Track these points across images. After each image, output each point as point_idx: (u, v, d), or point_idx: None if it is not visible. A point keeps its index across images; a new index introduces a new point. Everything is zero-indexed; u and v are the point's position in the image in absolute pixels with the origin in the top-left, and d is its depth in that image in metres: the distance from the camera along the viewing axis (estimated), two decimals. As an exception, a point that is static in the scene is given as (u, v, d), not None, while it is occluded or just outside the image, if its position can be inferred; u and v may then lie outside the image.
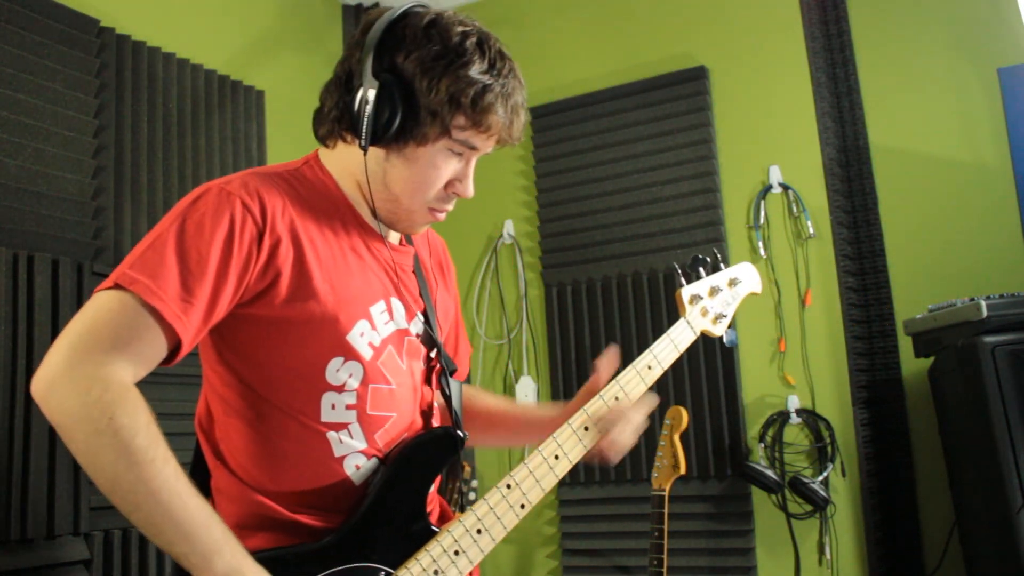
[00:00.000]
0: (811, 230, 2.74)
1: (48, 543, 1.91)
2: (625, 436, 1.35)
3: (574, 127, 3.11)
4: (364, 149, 1.20)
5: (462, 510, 1.33)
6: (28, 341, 1.92)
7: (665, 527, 2.36)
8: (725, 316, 1.54)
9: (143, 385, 1.05)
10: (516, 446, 1.48)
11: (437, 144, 1.20)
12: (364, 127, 1.18)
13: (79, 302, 2.03)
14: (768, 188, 2.82)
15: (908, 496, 2.58)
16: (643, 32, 3.10)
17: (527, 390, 3.09)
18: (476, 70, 1.18)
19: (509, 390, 3.12)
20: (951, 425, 2.31)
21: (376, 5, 3.29)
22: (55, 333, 1.97)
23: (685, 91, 2.95)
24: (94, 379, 1.00)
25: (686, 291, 1.49)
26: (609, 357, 1.40)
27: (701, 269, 1.52)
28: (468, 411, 1.49)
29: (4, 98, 1.96)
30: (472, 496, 2.81)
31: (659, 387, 2.93)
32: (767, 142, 2.86)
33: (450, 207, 1.29)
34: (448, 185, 1.25)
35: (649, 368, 1.42)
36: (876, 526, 2.57)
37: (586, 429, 1.34)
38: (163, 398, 2.20)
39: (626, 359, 3.17)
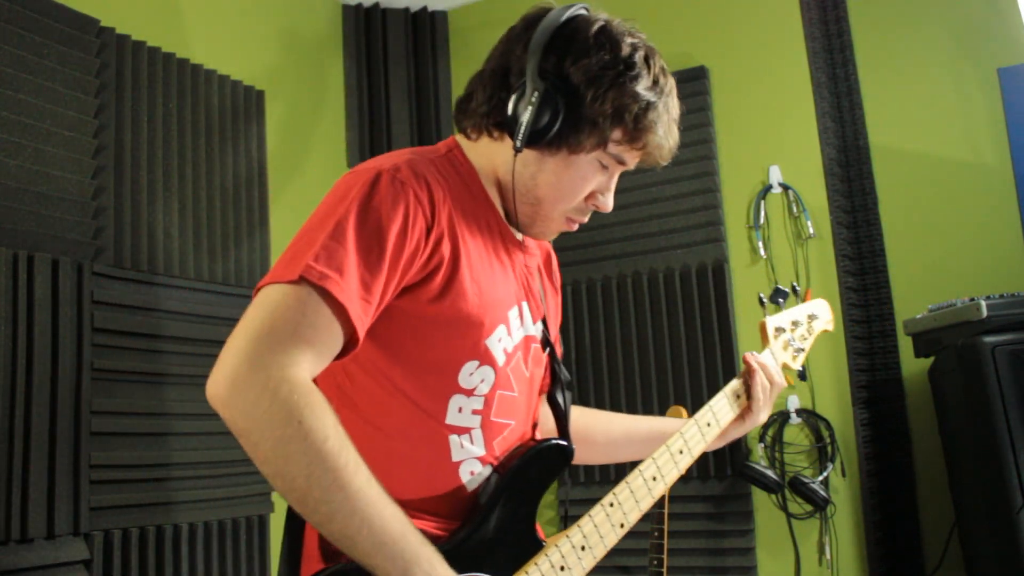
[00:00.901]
0: (811, 230, 2.74)
1: (48, 543, 1.90)
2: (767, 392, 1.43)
3: (574, 127, 3.10)
4: (518, 150, 1.17)
5: None
6: (28, 341, 1.92)
7: (665, 527, 2.36)
8: (803, 351, 1.54)
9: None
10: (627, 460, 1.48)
11: (591, 155, 1.19)
12: (523, 128, 1.15)
13: (79, 302, 2.03)
14: (768, 188, 2.82)
15: (908, 496, 2.58)
16: (643, 32, 3.10)
17: (527, 390, 3.08)
18: (643, 86, 1.17)
19: (509, 390, 3.12)
20: (951, 425, 2.31)
21: (376, 6, 3.29)
22: (55, 333, 1.97)
23: (685, 91, 2.95)
24: (280, 381, 0.95)
25: (771, 322, 1.50)
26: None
27: (782, 300, 1.53)
28: (592, 431, 1.50)
29: (4, 98, 1.96)
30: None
31: (659, 387, 2.93)
32: (767, 142, 2.86)
33: (585, 219, 1.27)
34: (589, 196, 1.23)
35: (737, 396, 1.44)
36: (876, 526, 2.57)
37: (681, 453, 1.34)
38: (165, 398, 2.21)
39: (627, 359, 3.16)
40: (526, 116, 1.14)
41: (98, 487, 2.02)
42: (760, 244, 2.81)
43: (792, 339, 1.52)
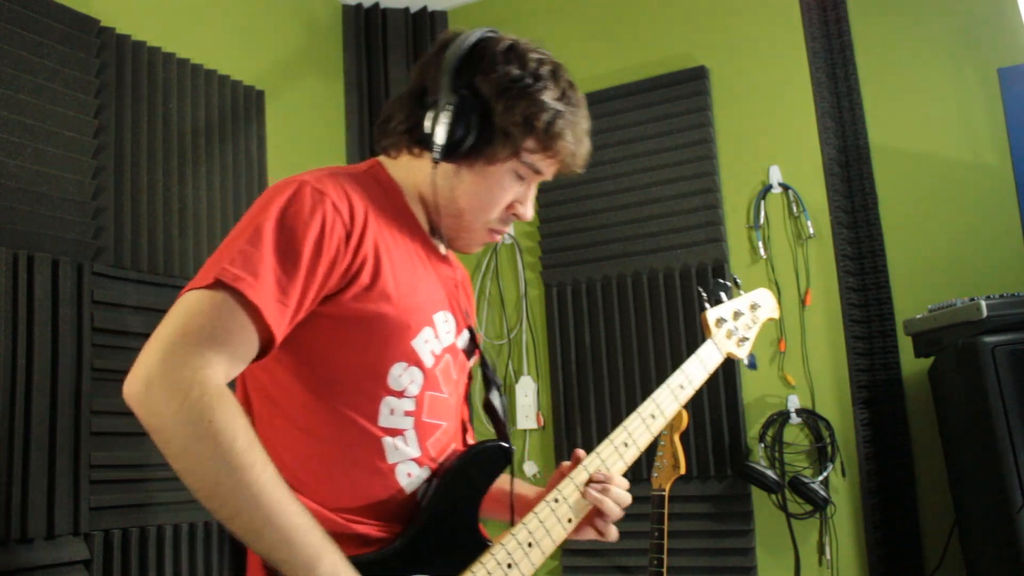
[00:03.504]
0: (811, 230, 2.74)
1: (48, 543, 1.90)
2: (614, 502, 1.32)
3: (574, 127, 3.10)
4: (436, 162, 1.23)
5: None
6: (28, 341, 1.92)
7: (665, 527, 2.36)
8: (748, 339, 1.58)
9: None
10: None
11: (506, 164, 1.25)
12: (439, 141, 1.21)
13: (79, 302, 2.03)
14: (768, 188, 2.82)
15: (908, 496, 2.58)
16: (643, 32, 3.10)
17: (527, 390, 3.09)
18: (550, 96, 1.23)
19: (509, 390, 3.12)
20: (951, 425, 2.31)
21: (376, 6, 3.29)
22: (55, 333, 1.97)
23: (685, 91, 2.95)
24: (192, 382, 0.99)
25: (711, 314, 1.53)
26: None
27: (723, 293, 1.56)
28: None
29: (4, 98, 1.96)
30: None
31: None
32: (767, 142, 2.86)
33: (507, 229, 1.34)
34: (509, 207, 1.29)
35: (681, 387, 1.44)
36: (876, 526, 2.57)
37: (626, 445, 1.35)
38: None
39: (627, 359, 3.16)
40: (441, 129, 1.20)
41: (98, 487, 2.02)
42: (760, 244, 2.81)
43: (735, 328, 1.55)
